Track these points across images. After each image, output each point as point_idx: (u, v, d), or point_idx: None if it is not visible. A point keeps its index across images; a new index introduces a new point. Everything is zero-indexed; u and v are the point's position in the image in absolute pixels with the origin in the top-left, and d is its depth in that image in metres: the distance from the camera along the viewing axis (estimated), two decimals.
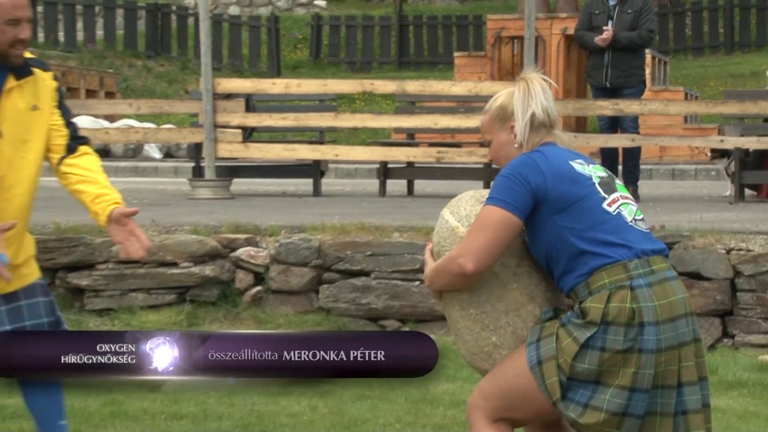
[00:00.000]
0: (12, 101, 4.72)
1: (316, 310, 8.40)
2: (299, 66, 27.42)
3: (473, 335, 4.10)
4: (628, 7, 11.43)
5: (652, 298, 3.85)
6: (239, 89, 12.96)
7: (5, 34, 4.60)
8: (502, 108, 4.13)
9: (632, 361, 3.83)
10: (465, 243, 3.93)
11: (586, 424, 3.87)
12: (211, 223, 8.93)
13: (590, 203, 3.94)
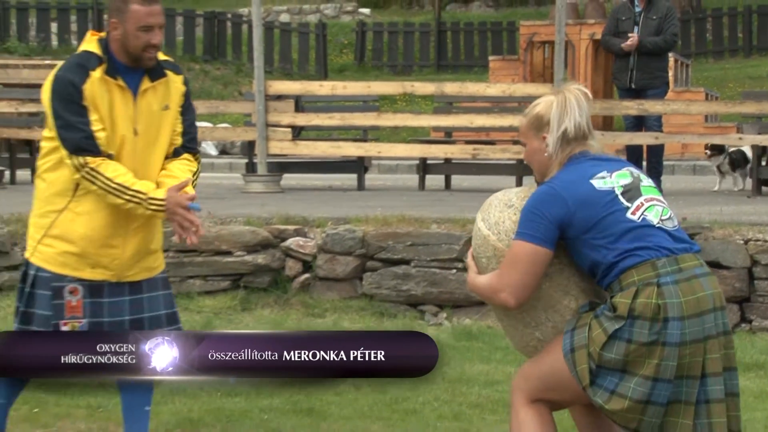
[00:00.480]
0: (146, 101, 4.78)
1: (360, 296, 8.41)
2: (345, 69, 27.42)
3: (518, 332, 4.11)
4: (653, 14, 11.37)
5: (678, 295, 3.85)
6: (289, 91, 12.99)
7: (139, 39, 4.66)
8: (538, 117, 4.11)
9: (656, 353, 3.83)
10: (503, 278, 3.96)
11: (612, 410, 3.89)
12: (263, 215, 8.95)
13: (613, 218, 3.95)
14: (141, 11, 4.65)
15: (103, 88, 4.68)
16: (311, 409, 6.05)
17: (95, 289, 4.77)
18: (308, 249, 8.52)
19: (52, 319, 4.71)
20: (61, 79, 4.67)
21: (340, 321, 8.12)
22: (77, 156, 4.62)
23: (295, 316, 8.21)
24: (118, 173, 4.62)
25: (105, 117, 4.70)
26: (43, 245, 4.76)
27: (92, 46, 4.72)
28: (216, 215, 8.97)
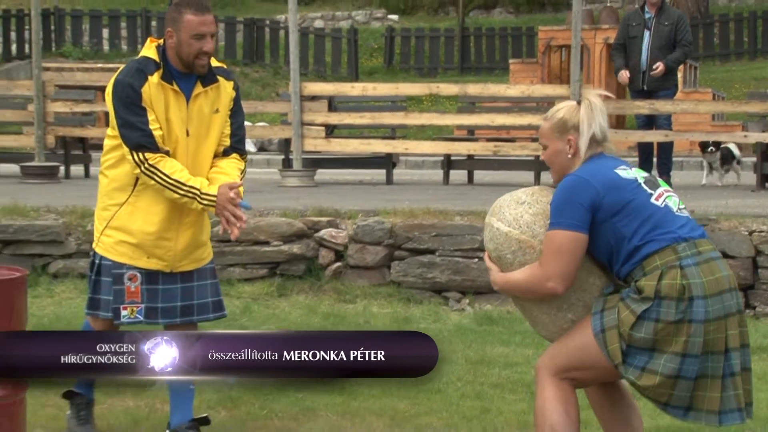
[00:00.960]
0: (198, 105, 4.86)
1: (388, 283, 8.42)
2: (374, 72, 27.45)
3: (551, 317, 4.07)
4: (665, 20, 11.29)
5: (700, 275, 3.86)
6: (323, 92, 13.01)
7: (191, 46, 4.74)
8: (562, 121, 4.11)
9: (683, 330, 3.84)
10: (547, 268, 3.94)
11: (644, 386, 3.89)
12: (298, 208, 8.97)
13: (638, 201, 3.96)
14: (194, 21, 4.73)
15: (159, 92, 4.76)
16: (343, 388, 6.04)
17: (151, 277, 4.87)
18: (340, 239, 8.53)
19: (112, 303, 4.82)
20: (121, 83, 4.75)
21: (370, 306, 8.12)
22: (137, 152, 4.69)
23: (327, 302, 8.22)
24: (175, 170, 4.70)
25: (161, 118, 4.78)
26: (105, 236, 4.87)
27: (151, 53, 4.80)
28: (254, 208, 8.98)
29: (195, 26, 4.74)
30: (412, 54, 28.29)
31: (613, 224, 3.94)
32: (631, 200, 3.95)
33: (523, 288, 4.04)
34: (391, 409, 5.70)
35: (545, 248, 3.96)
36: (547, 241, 3.95)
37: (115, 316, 4.83)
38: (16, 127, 13.88)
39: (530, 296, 4.05)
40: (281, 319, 7.75)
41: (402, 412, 5.65)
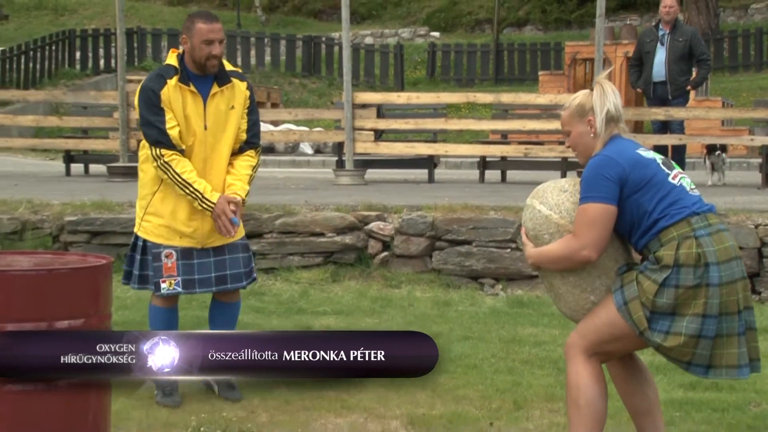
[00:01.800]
0: (215, 103, 5.10)
1: (430, 270, 8.41)
2: (418, 82, 27.45)
3: (574, 297, 4.04)
4: (679, 36, 11.24)
5: (713, 244, 3.85)
6: (372, 101, 13.02)
7: (202, 50, 5.01)
8: (580, 105, 4.10)
9: (702, 293, 3.83)
10: (581, 238, 3.91)
11: (670, 347, 3.86)
12: (350, 203, 8.98)
13: (659, 179, 3.95)
14: (204, 28, 5.02)
15: (177, 93, 5.02)
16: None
17: (186, 253, 5.12)
18: (387, 231, 8.53)
19: (153, 278, 5.13)
20: (144, 88, 5.06)
21: (413, 291, 8.12)
22: (155, 148, 4.97)
23: (375, 287, 8.23)
24: (185, 170, 4.95)
25: (179, 116, 5.02)
26: (144, 221, 5.16)
27: (172, 60, 5.09)
28: (311, 203, 9.01)
29: (205, 33, 5.01)
30: (452, 67, 28.27)
31: (635, 200, 3.92)
32: (652, 177, 3.94)
33: (558, 258, 3.99)
34: (432, 381, 5.69)
35: (578, 220, 3.93)
36: (580, 214, 3.93)
37: (155, 289, 5.14)
38: (103, 132, 14.01)
39: (565, 265, 3.99)
40: (335, 302, 7.76)
41: (442, 384, 5.63)
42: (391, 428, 4.91)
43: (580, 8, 30.61)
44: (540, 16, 31.92)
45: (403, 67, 27.18)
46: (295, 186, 11.31)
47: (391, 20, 33.70)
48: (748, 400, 5.38)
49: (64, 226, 8.73)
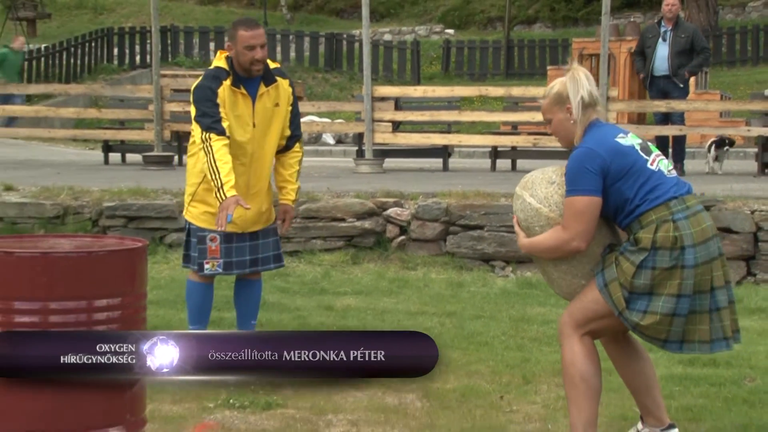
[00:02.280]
0: (262, 102, 5.19)
1: (444, 253, 8.41)
2: (433, 77, 27.37)
3: (567, 282, 4.04)
4: (681, 32, 11.24)
5: (689, 227, 3.83)
6: (390, 94, 13.00)
7: (245, 55, 5.08)
8: (558, 94, 4.06)
9: (677, 274, 3.81)
10: (570, 229, 3.89)
11: (646, 325, 3.85)
12: (369, 190, 8.99)
13: (638, 166, 3.92)
14: (245, 35, 5.08)
15: (230, 94, 5.08)
16: None
17: (228, 238, 5.19)
18: (404, 216, 8.53)
19: (197, 259, 5.22)
20: (202, 86, 5.11)
21: (429, 273, 8.12)
22: (206, 132, 4.98)
23: (393, 269, 8.23)
24: (222, 159, 4.94)
25: (230, 114, 5.07)
26: (192, 207, 5.25)
27: (222, 63, 5.15)
28: (333, 190, 9.02)
29: (247, 39, 5.06)
30: (465, 62, 28.18)
31: (617, 188, 3.89)
32: (632, 165, 3.91)
33: (549, 248, 3.98)
34: (447, 357, 5.69)
35: (566, 213, 3.90)
36: (567, 207, 3.90)
37: (199, 269, 5.23)
38: (139, 123, 14.04)
39: (556, 255, 3.98)
40: (355, 283, 7.77)
41: (455, 360, 5.64)
42: (407, 401, 4.92)
43: (586, 6, 30.45)
44: (548, 14, 31.77)
45: (419, 63, 27.11)
46: (317, 174, 11.31)
47: (408, 18, 33.60)
48: (743, 375, 5.36)
49: (103, 212, 8.77)
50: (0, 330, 3.26)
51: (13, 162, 13.57)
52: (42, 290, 3.27)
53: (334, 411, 4.74)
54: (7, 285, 3.28)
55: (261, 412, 4.69)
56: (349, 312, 6.79)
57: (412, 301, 7.18)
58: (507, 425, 4.54)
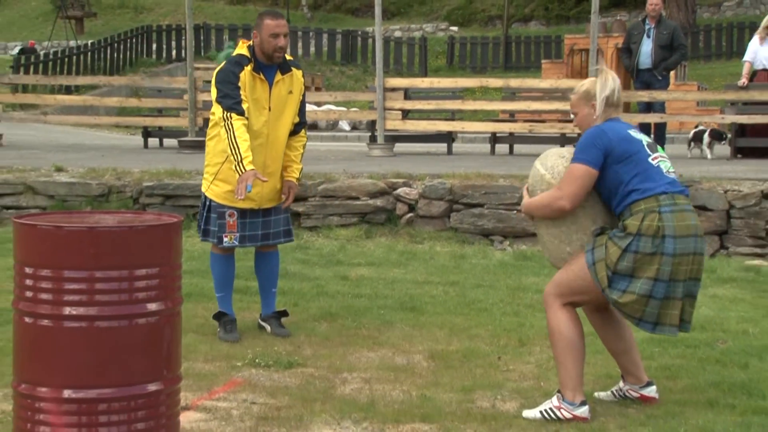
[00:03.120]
0: (278, 89, 5.19)
1: (448, 229, 8.40)
2: (439, 69, 27.29)
3: (554, 246, 4.06)
4: (663, 29, 11.23)
5: (673, 220, 3.83)
6: (400, 85, 12.94)
7: (270, 43, 5.07)
8: (587, 92, 4.11)
9: (656, 261, 3.82)
10: (562, 189, 3.93)
11: (623, 303, 3.87)
12: (381, 172, 8.97)
13: (640, 156, 3.94)
14: (271, 24, 5.07)
15: (250, 78, 5.07)
16: (413, 307, 6.07)
17: (243, 214, 5.22)
18: (412, 195, 8.52)
19: (217, 233, 5.24)
20: (225, 69, 5.09)
21: (434, 246, 8.12)
22: (227, 112, 4.96)
23: (402, 243, 8.23)
24: (241, 137, 4.93)
25: (249, 98, 5.06)
26: (214, 185, 5.21)
27: (244, 51, 5.14)
28: (349, 172, 9.00)
29: (272, 28, 5.06)
30: (468, 56, 28.09)
31: (616, 170, 3.91)
32: (634, 153, 3.93)
33: (540, 204, 4.01)
34: (450, 322, 5.71)
35: (565, 175, 3.95)
36: (567, 171, 3.95)
37: (218, 242, 5.24)
38: (174, 111, 14.03)
39: (545, 212, 4.01)
40: (368, 255, 7.78)
41: (458, 325, 5.65)
42: (414, 361, 4.93)
43: (577, 6, 30.32)
44: (543, 13, 31.62)
45: (426, 57, 27.01)
46: (334, 157, 11.30)
47: (416, 16, 33.45)
48: (716, 338, 5.36)
49: (143, 190, 8.79)
50: (50, 296, 3.28)
51: (63, 146, 13.60)
52: (89, 261, 3.27)
53: (349, 370, 4.75)
54: (58, 256, 3.29)
55: (283, 371, 4.71)
56: (363, 281, 6.80)
57: (419, 272, 7.18)
58: (504, 383, 4.55)
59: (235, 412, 4.09)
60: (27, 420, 3.34)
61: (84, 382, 3.29)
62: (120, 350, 3.32)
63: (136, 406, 3.33)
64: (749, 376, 4.61)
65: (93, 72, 23.00)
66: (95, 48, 24.16)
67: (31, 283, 3.31)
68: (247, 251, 6.09)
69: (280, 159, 5.26)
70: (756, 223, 7.86)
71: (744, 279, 7.00)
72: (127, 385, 3.33)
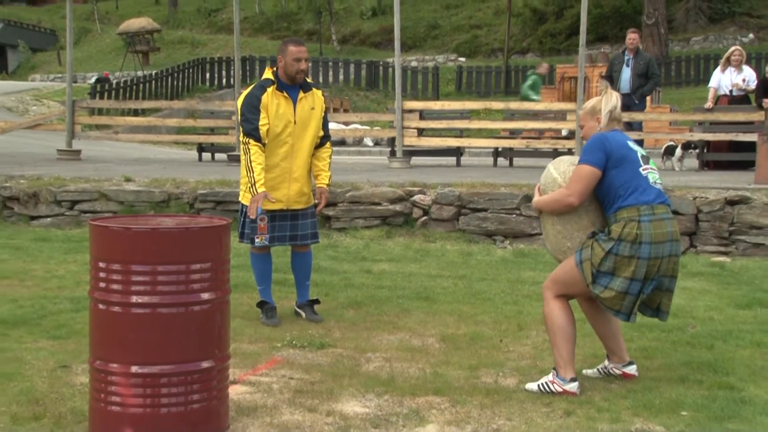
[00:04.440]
0: (301, 105, 5.16)
1: (457, 230, 8.37)
2: (449, 94, 27.21)
3: (557, 240, 4.06)
4: (640, 60, 11.27)
5: (651, 229, 3.82)
6: (416, 107, 12.90)
7: (293, 66, 5.06)
8: (593, 107, 4.12)
9: (633, 263, 3.81)
10: (571, 188, 3.93)
11: (604, 297, 3.88)
12: (399, 181, 8.95)
13: (633, 166, 3.93)
14: (294, 50, 5.06)
15: (274, 98, 5.05)
16: (427, 297, 6.05)
17: (273, 217, 5.18)
18: (426, 201, 8.49)
19: (250, 234, 5.22)
20: (249, 94, 5.07)
21: (445, 245, 8.09)
22: (246, 137, 5.00)
23: (417, 242, 8.20)
24: (256, 161, 4.95)
25: (273, 114, 5.03)
26: (249, 193, 5.09)
27: (269, 75, 5.14)
28: (372, 181, 8.98)
29: (295, 53, 5.06)
30: (474, 83, 28.00)
31: (612, 175, 3.90)
32: (629, 161, 3.92)
33: (551, 200, 4.00)
34: (459, 310, 5.69)
35: (573, 175, 3.94)
36: (574, 171, 3.94)
37: (251, 242, 5.21)
38: (224, 130, 14.07)
39: (555, 207, 3.99)
40: (388, 252, 7.76)
41: (465, 312, 5.63)
42: (428, 343, 4.91)
43: (567, 40, 30.19)
44: (538, 45, 31.50)
45: (438, 83, 26.97)
46: (360, 169, 11.29)
47: (429, 49, 33.40)
48: (687, 323, 5.31)
49: (197, 197, 8.81)
50: (120, 287, 3.29)
51: (131, 160, 13.68)
52: (152, 257, 3.29)
53: (372, 350, 4.74)
54: (126, 252, 3.30)
55: (316, 351, 4.70)
56: (384, 275, 6.78)
57: (432, 267, 7.16)
58: (505, 362, 4.53)
59: (275, 386, 4.09)
60: (101, 391, 3.36)
61: (148, 359, 3.30)
62: (178, 333, 3.33)
63: (192, 380, 3.34)
64: (714, 356, 4.58)
65: (156, 97, 23.11)
66: (158, 77, 24.30)
67: (104, 276, 3.33)
68: (285, 249, 6.09)
69: (304, 166, 5.23)
70: (720, 225, 7.79)
71: (710, 273, 6.94)
72: (185, 362, 3.34)
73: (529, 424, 3.62)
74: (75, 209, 8.92)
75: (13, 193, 9.02)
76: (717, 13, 29.97)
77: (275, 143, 5.08)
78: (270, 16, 37.17)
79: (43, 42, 39.31)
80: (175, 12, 39.97)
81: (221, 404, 3.47)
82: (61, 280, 6.35)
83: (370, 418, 3.68)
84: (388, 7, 33.00)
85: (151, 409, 3.28)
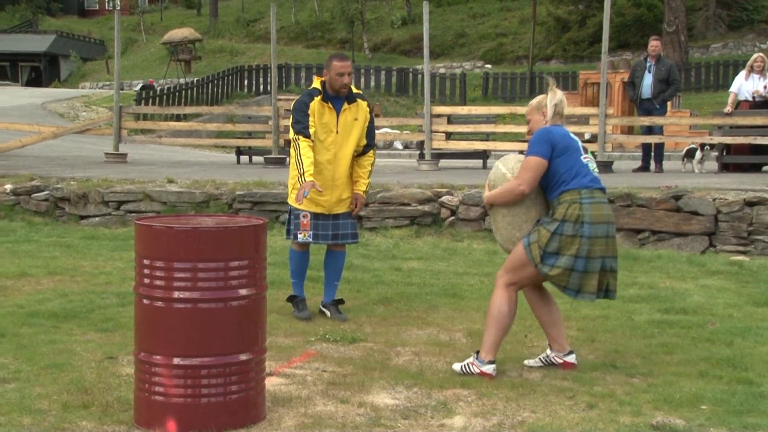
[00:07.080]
0: (344, 116, 5.21)
1: (483, 230, 8.33)
2: (476, 99, 27.10)
3: (507, 231, 4.13)
4: (661, 66, 11.16)
5: (590, 210, 3.95)
6: (444, 112, 12.88)
7: (336, 80, 5.13)
8: (539, 102, 4.23)
9: (576, 241, 3.94)
10: (521, 177, 4.03)
11: (553, 275, 3.98)
12: (428, 183, 8.93)
13: (575, 154, 4.05)
14: (338, 65, 5.12)
15: (320, 107, 5.12)
16: (455, 294, 6.03)
17: (317, 217, 5.24)
18: (454, 202, 8.47)
19: (293, 230, 5.29)
20: (299, 100, 5.17)
21: (472, 244, 8.06)
22: (296, 134, 5.05)
23: (445, 241, 8.18)
24: (306, 154, 5.00)
25: (317, 122, 5.10)
26: (295, 190, 5.16)
27: (317, 85, 5.20)
28: (402, 183, 8.98)
29: (338, 68, 5.11)
30: (499, 88, 27.86)
31: (557, 163, 4.00)
32: (572, 149, 4.03)
33: (503, 192, 4.08)
34: (485, 306, 5.63)
35: (522, 166, 4.05)
36: (524, 163, 4.04)
37: (294, 238, 5.27)
38: (261, 134, 14.14)
39: (507, 198, 4.07)
40: (417, 251, 7.75)
41: None
42: (455, 338, 4.89)
43: (590, 47, 29.96)
44: (562, 53, 31.28)
45: (465, 89, 26.87)
46: (390, 171, 11.28)
47: (457, 56, 33.31)
48: (706, 320, 5.23)
49: (236, 198, 8.87)
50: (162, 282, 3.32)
51: (174, 162, 13.80)
52: (193, 254, 3.31)
53: (402, 344, 4.73)
54: (168, 250, 3.33)
55: (348, 345, 4.71)
56: (413, 272, 6.77)
57: (460, 265, 7.13)
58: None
59: (309, 378, 4.10)
60: (145, 381, 3.39)
61: (189, 351, 3.32)
62: (218, 327, 3.35)
63: (230, 371, 3.36)
64: (734, 352, 4.50)
65: (198, 103, 23.30)
66: (200, 84, 24.51)
67: (148, 272, 3.36)
68: (320, 248, 6.11)
69: (345, 173, 5.27)
70: (739, 225, 7.66)
71: (729, 272, 6.83)
72: (224, 355, 3.36)
73: (553, 417, 3.59)
74: (121, 209, 9.02)
75: (64, 194, 9.16)
76: (736, 21, 29.55)
77: (320, 149, 5.14)
78: (305, 26, 37.33)
79: (93, 52, 39.90)
80: (215, 22, 40.29)
81: (258, 395, 3.48)
82: (108, 276, 6.43)
83: (399, 409, 3.68)
84: (417, 17, 32.98)
85: (192, 399, 3.31)
